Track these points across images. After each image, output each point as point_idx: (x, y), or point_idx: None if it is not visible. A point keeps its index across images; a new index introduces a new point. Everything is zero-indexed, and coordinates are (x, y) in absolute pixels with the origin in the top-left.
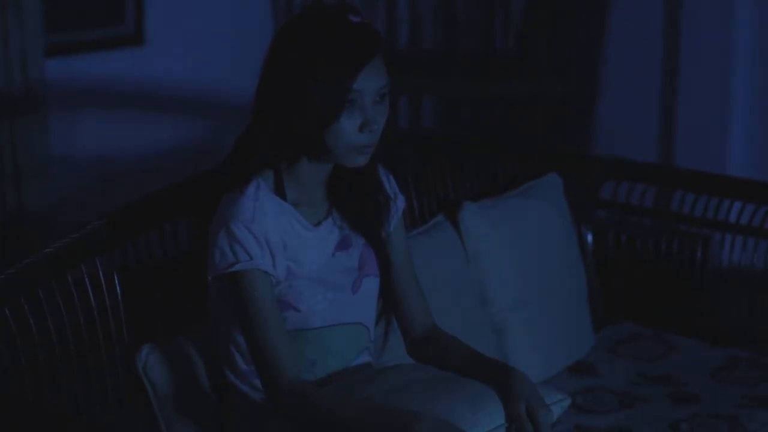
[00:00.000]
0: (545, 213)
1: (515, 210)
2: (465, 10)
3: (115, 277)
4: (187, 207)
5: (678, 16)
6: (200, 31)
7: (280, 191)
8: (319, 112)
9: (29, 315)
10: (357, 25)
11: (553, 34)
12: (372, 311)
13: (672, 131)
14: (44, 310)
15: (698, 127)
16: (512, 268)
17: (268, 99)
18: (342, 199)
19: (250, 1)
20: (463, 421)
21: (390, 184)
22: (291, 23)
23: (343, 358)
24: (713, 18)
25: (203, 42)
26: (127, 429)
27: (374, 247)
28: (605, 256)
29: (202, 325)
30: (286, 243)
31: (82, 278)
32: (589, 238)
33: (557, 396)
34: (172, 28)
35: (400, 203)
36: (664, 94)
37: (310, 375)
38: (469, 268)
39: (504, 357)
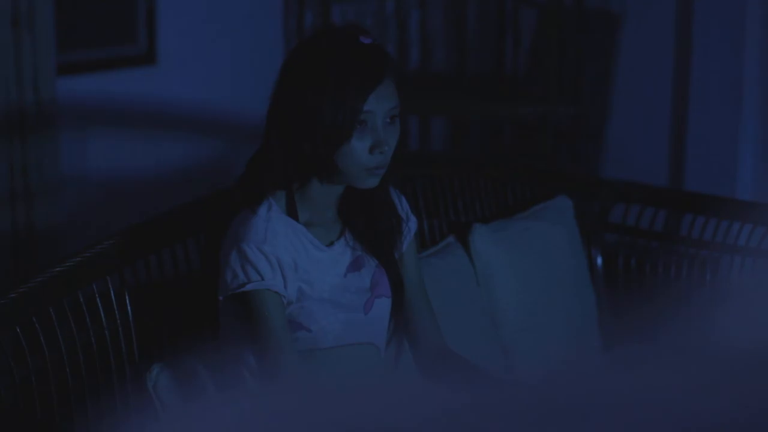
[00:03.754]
0: (555, 235)
1: (525, 232)
2: (475, 32)
3: (126, 296)
4: (199, 227)
5: (688, 38)
6: (212, 52)
7: (292, 212)
8: (329, 133)
9: (40, 333)
10: (368, 47)
11: (563, 57)
12: (383, 332)
13: (682, 154)
14: (55, 329)
15: (708, 150)
16: (522, 290)
17: (280, 120)
18: (354, 219)
19: (262, 22)
20: None
21: (402, 206)
22: (302, 45)
23: (354, 378)
24: (724, 41)
25: (215, 62)
26: None
27: (386, 268)
28: (615, 278)
29: (213, 345)
30: (297, 263)
31: (93, 297)
32: (599, 260)
33: None
34: (184, 47)
35: (412, 224)
36: (674, 117)
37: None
38: (480, 290)
39: (513, 377)
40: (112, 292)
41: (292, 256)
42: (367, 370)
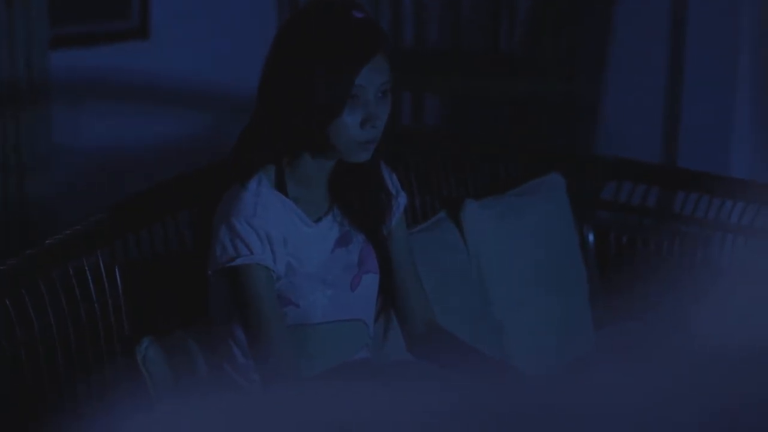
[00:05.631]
0: (547, 212)
1: (517, 208)
2: (470, 8)
3: (116, 270)
4: (190, 200)
5: (683, 16)
6: (205, 26)
7: (281, 186)
8: (321, 107)
9: (30, 307)
10: (360, 21)
11: (558, 34)
12: (371, 308)
13: (675, 132)
14: (45, 302)
15: (701, 128)
16: (513, 266)
17: (271, 93)
18: (344, 195)
19: None
20: None
21: (392, 181)
22: (295, 18)
23: (343, 354)
24: (718, 19)
25: (208, 36)
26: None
27: (374, 244)
28: (606, 255)
29: (203, 319)
30: (286, 238)
31: (84, 270)
32: (591, 237)
33: None
34: (176, 22)
35: (401, 200)
36: (668, 94)
37: (309, 370)
38: (470, 266)
39: (504, 354)
40: (102, 265)
41: (282, 231)
42: (355, 347)
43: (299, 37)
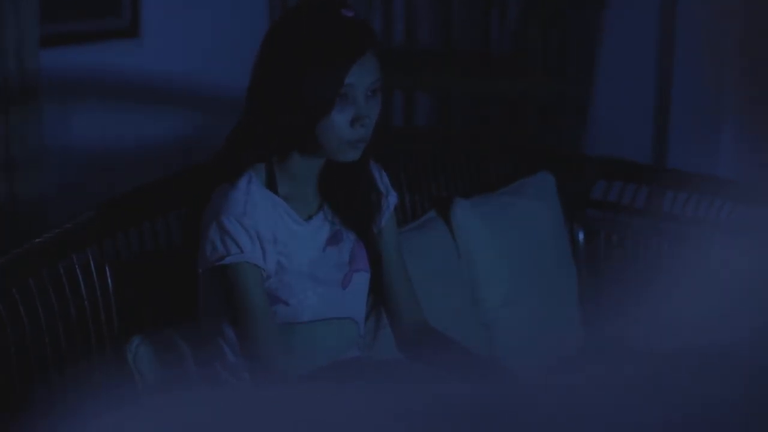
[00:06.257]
0: (537, 211)
1: (507, 207)
2: (461, 8)
3: (107, 268)
4: (179, 199)
5: (673, 16)
6: (195, 25)
7: (271, 185)
8: (311, 105)
9: (20, 305)
10: (350, 20)
11: (548, 34)
12: (362, 306)
13: (665, 131)
14: (35, 301)
15: (690, 127)
16: (503, 265)
17: (261, 92)
18: (334, 194)
19: None
20: None
21: (382, 180)
22: (284, 17)
23: (333, 353)
24: (708, 20)
25: (198, 35)
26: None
27: (365, 242)
28: (596, 254)
29: (193, 317)
30: (276, 237)
31: (74, 269)
32: (581, 236)
33: None
34: (167, 21)
35: (392, 199)
36: (658, 94)
37: (298, 368)
38: (460, 265)
39: (494, 353)
40: (92, 264)
41: (272, 230)
42: (345, 345)
43: (289, 36)
